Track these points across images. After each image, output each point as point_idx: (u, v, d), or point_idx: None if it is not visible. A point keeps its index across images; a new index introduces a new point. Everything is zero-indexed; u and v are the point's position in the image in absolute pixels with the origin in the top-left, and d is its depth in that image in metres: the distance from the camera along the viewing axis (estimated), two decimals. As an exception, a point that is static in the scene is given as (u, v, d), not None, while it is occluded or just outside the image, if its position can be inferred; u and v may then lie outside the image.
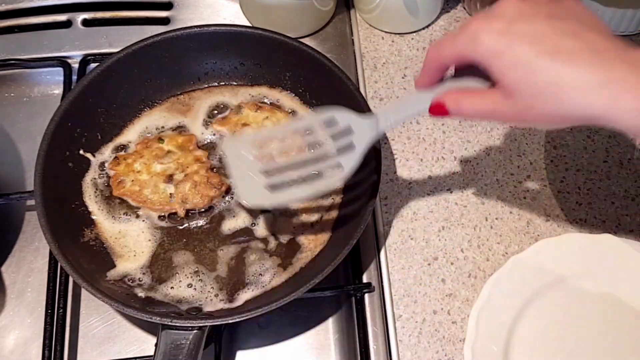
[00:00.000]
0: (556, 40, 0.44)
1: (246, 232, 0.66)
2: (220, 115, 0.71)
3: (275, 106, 0.71)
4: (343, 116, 0.56)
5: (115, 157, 0.68)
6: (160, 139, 0.68)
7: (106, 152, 0.69)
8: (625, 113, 0.42)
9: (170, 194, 0.66)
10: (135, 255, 0.64)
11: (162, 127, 0.70)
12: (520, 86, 0.45)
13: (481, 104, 0.49)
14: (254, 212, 0.67)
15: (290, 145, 0.59)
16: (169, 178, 0.66)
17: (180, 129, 0.71)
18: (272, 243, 0.65)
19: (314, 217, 0.66)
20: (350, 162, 0.55)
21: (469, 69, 0.51)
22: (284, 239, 0.66)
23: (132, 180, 0.66)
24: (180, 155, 0.67)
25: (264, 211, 0.67)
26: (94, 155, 0.68)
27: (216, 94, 0.73)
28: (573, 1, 0.47)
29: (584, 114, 0.44)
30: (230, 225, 0.66)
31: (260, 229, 0.66)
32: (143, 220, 0.66)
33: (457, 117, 0.52)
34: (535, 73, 0.44)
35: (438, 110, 0.51)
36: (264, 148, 0.58)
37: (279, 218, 0.66)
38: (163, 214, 0.66)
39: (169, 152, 0.68)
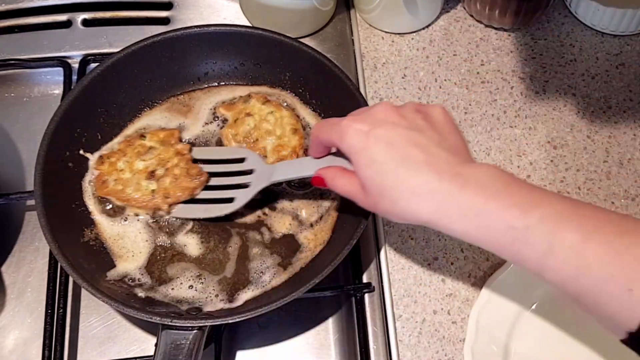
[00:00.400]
0: (407, 149, 0.49)
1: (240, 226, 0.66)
2: (228, 101, 0.72)
3: (281, 104, 0.71)
4: (253, 158, 0.65)
5: (100, 157, 0.67)
6: (142, 136, 0.68)
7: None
8: (447, 219, 0.47)
9: (153, 190, 0.65)
10: (133, 256, 0.64)
11: (163, 128, 0.70)
12: (369, 183, 0.51)
13: (350, 186, 0.54)
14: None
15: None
16: (151, 174, 0.66)
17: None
18: (267, 234, 0.66)
19: (314, 217, 0.66)
20: (243, 198, 0.64)
21: None
22: (278, 234, 0.66)
23: (115, 180, 0.66)
24: (162, 150, 0.67)
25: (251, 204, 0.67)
26: (93, 155, 0.68)
27: (216, 94, 0.73)
28: (441, 112, 0.53)
29: (414, 217, 0.49)
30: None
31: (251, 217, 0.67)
32: (139, 221, 0.66)
33: (335, 192, 0.57)
34: (380, 174, 0.49)
35: (318, 182, 0.58)
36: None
37: (272, 213, 0.67)
38: (153, 215, 0.66)
39: (150, 148, 0.67)
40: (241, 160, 0.65)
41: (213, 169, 0.66)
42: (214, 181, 0.66)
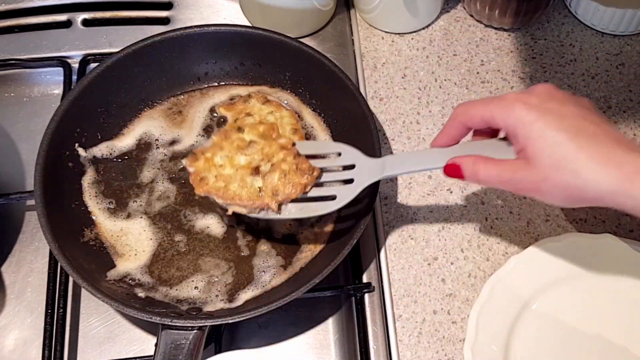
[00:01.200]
0: (580, 122, 0.49)
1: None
2: (229, 101, 0.71)
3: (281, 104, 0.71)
4: (352, 153, 0.60)
5: (193, 153, 0.62)
6: (240, 129, 0.63)
7: (103, 150, 0.69)
8: (636, 189, 0.46)
9: (259, 187, 0.60)
10: (136, 255, 0.64)
11: (261, 122, 0.69)
12: (542, 156, 0.49)
13: (498, 171, 0.52)
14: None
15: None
16: (255, 170, 0.60)
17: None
18: (267, 234, 0.66)
19: (313, 217, 0.66)
20: (346, 196, 0.58)
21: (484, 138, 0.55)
22: (278, 234, 0.66)
23: (216, 176, 0.60)
24: (264, 144, 0.62)
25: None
26: (85, 150, 0.68)
27: (216, 94, 0.73)
28: (590, 103, 0.52)
29: (595, 189, 0.47)
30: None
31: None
32: (142, 218, 0.66)
33: (471, 181, 0.54)
34: (558, 146, 0.48)
35: (453, 171, 0.54)
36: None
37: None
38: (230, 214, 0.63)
39: (251, 142, 0.62)
40: (337, 154, 0.61)
41: (317, 165, 0.61)
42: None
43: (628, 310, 0.62)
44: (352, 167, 0.60)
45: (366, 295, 0.65)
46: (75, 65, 0.76)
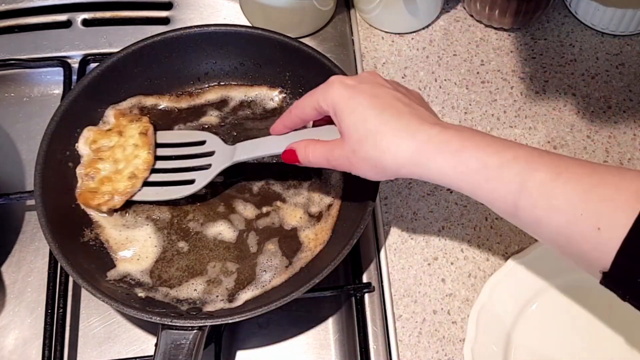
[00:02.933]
0: (390, 101, 0.52)
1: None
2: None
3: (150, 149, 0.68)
4: (212, 141, 0.66)
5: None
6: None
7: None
8: (424, 158, 0.49)
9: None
10: (139, 260, 0.64)
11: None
12: (351, 130, 0.52)
13: (322, 150, 0.55)
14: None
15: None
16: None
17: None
18: (277, 226, 0.66)
19: (317, 209, 0.66)
20: (203, 179, 0.64)
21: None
22: (288, 226, 0.66)
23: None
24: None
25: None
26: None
27: (216, 94, 0.73)
28: (418, 93, 0.57)
29: (392, 159, 0.50)
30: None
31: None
32: (148, 225, 0.66)
33: (306, 165, 0.57)
34: (365, 120, 0.51)
35: (289, 156, 0.58)
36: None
37: (284, 205, 0.67)
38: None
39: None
40: (202, 143, 0.66)
41: (174, 152, 0.67)
42: (174, 164, 0.66)
43: (628, 311, 0.62)
44: (212, 154, 0.65)
45: (366, 295, 0.65)
46: (75, 65, 0.76)
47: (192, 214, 0.67)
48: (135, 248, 0.64)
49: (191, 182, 0.65)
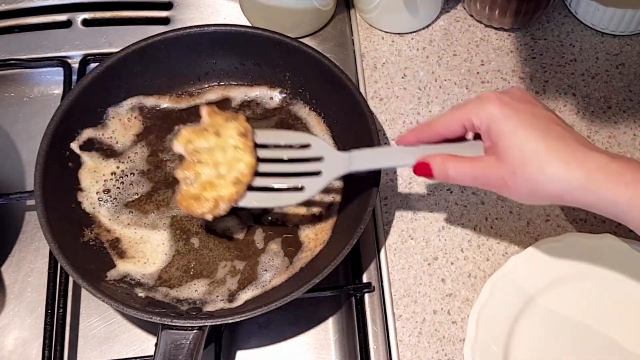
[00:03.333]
0: (550, 124, 0.51)
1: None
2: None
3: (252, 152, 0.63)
4: (319, 145, 0.61)
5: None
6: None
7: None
8: (596, 186, 0.49)
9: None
10: (145, 263, 0.64)
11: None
12: (512, 151, 0.51)
13: (467, 167, 0.54)
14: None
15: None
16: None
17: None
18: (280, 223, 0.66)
19: (314, 215, 0.66)
20: (314, 187, 0.60)
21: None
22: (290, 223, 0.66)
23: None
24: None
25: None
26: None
27: (216, 94, 0.73)
28: (556, 114, 0.55)
29: (558, 185, 0.50)
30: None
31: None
32: (166, 231, 0.66)
33: (440, 180, 0.55)
34: (528, 142, 0.50)
35: (423, 169, 0.56)
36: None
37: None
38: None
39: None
40: (306, 146, 0.61)
41: (275, 155, 0.62)
42: (279, 168, 0.61)
43: (628, 311, 0.62)
44: (320, 159, 0.60)
45: (366, 295, 0.65)
46: (75, 65, 0.76)
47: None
48: (145, 250, 0.64)
49: (299, 189, 0.60)
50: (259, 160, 0.61)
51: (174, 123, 0.71)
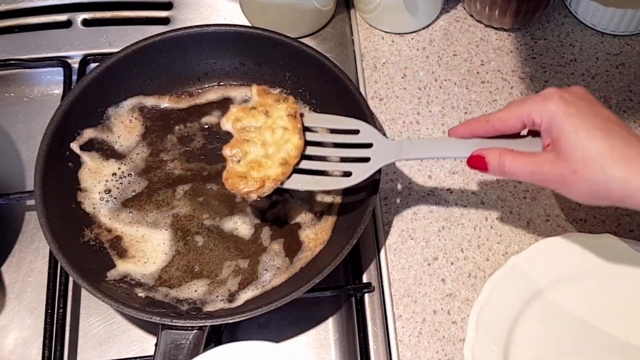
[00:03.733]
0: (612, 124, 0.51)
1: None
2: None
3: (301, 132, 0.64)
4: (369, 131, 0.60)
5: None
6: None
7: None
8: None
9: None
10: (145, 262, 0.64)
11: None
12: (574, 149, 0.50)
13: (525, 163, 0.53)
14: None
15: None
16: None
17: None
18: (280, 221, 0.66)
19: (315, 215, 0.66)
20: (362, 173, 0.59)
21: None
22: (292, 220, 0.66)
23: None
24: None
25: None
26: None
27: (216, 94, 0.73)
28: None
29: (620, 187, 0.49)
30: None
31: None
32: (167, 230, 0.66)
33: (495, 174, 0.55)
34: (591, 141, 0.49)
35: (477, 162, 0.55)
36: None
37: (291, 199, 0.67)
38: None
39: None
40: (355, 132, 0.61)
41: (323, 139, 0.62)
42: (327, 151, 0.62)
43: (628, 311, 0.62)
44: (369, 145, 0.60)
45: (366, 295, 0.65)
46: (75, 65, 0.76)
47: (208, 212, 0.67)
48: (145, 250, 0.64)
49: (347, 174, 0.60)
50: (307, 143, 0.61)
51: (174, 123, 0.71)
